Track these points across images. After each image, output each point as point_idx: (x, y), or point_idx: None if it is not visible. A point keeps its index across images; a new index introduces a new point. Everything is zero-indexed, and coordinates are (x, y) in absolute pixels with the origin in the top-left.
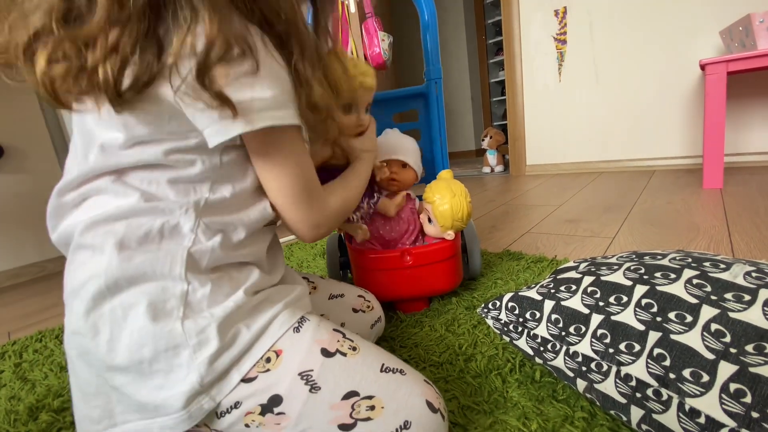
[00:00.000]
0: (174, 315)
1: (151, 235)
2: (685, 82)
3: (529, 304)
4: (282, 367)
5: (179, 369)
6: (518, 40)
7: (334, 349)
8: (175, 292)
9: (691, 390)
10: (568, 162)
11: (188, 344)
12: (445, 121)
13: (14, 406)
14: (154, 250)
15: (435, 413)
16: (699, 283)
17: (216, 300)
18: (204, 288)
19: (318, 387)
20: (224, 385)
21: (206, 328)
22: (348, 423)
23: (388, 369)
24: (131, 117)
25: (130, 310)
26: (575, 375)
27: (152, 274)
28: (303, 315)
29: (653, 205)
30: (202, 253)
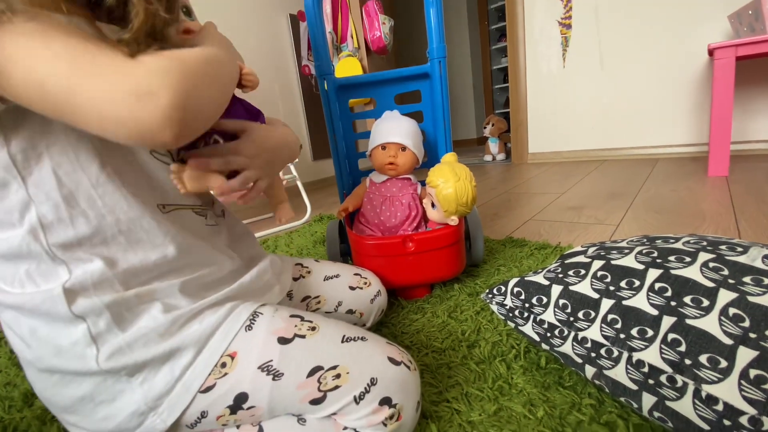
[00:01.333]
0: (88, 356)
1: (22, 280)
2: (692, 68)
3: (536, 289)
4: (239, 367)
5: (121, 395)
6: (522, 25)
7: (291, 334)
8: (76, 333)
9: (709, 376)
10: (571, 150)
11: (119, 375)
12: (449, 103)
13: (9, 393)
14: (34, 294)
15: (398, 365)
16: (716, 267)
17: (126, 323)
18: (104, 316)
19: (281, 374)
20: (175, 402)
21: (127, 357)
22: (318, 397)
23: (349, 339)
24: None
25: (40, 362)
26: (584, 361)
27: (46, 317)
28: (254, 310)
29: (658, 193)
30: (83, 283)
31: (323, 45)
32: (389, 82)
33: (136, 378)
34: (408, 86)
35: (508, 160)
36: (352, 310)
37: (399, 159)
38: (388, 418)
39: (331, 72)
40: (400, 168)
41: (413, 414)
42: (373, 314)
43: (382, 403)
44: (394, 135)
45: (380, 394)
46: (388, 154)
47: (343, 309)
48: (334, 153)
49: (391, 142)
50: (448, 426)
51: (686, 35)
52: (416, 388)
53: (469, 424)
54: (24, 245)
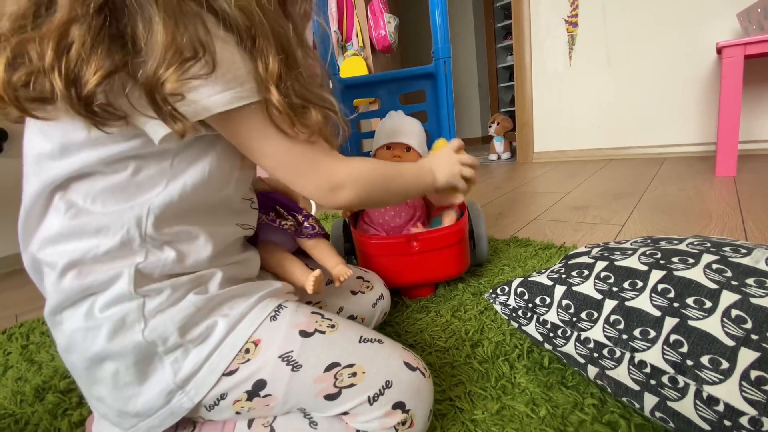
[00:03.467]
0: (135, 329)
1: (98, 255)
2: (700, 67)
3: (539, 289)
4: (262, 354)
5: (154, 373)
6: (528, 23)
7: (312, 329)
8: (131, 307)
9: (710, 377)
10: (577, 149)
11: (156, 351)
12: (453, 103)
13: (21, 387)
14: (103, 270)
15: (414, 371)
16: (719, 268)
17: (175, 303)
18: (160, 295)
19: (300, 365)
20: (202, 382)
21: (169, 334)
22: (333, 392)
23: (366, 339)
24: (69, 123)
25: (89, 332)
26: (586, 361)
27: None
28: (280, 303)
29: (664, 193)
30: (153, 267)
31: (328, 45)
32: (394, 81)
33: (169, 357)
34: (413, 86)
35: (513, 159)
36: (353, 316)
37: (404, 159)
38: (401, 423)
39: (336, 72)
40: None
41: (425, 422)
42: (375, 318)
43: (395, 407)
44: (399, 135)
45: (394, 398)
46: (393, 153)
47: (344, 314)
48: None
49: (396, 142)
50: (451, 424)
51: (694, 33)
52: (430, 396)
53: (472, 422)
54: (124, 222)
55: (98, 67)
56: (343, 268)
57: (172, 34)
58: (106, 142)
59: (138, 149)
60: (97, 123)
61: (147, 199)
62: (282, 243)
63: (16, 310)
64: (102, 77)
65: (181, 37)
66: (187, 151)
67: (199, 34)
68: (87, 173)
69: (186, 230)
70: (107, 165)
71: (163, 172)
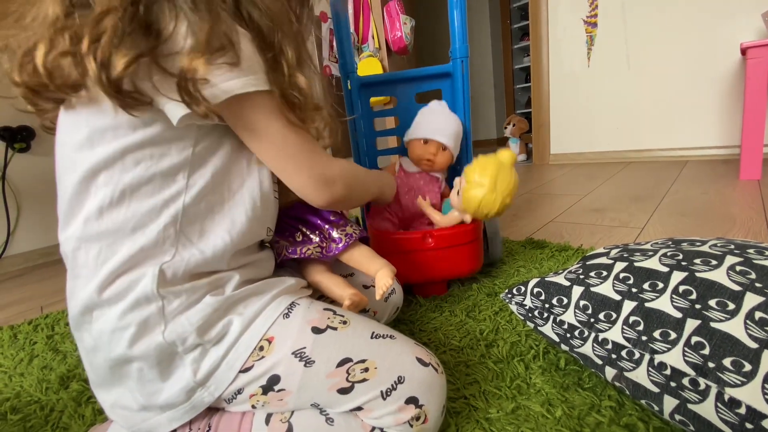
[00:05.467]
0: (157, 330)
1: (134, 254)
2: (723, 68)
3: (557, 289)
4: (275, 351)
5: (175, 370)
6: (545, 23)
7: (324, 325)
8: (152, 309)
9: (732, 380)
10: (595, 151)
11: (176, 351)
12: (470, 103)
13: (46, 376)
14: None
15: (426, 366)
16: (743, 270)
17: (192, 305)
18: (179, 298)
19: (312, 361)
20: (221, 378)
21: (187, 335)
22: (346, 387)
23: (378, 335)
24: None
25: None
26: (604, 363)
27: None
28: (293, 300)
29: (686, 196)
30: (177, 267)
31: (348, 44)
32: (411, 80)
33: (188, 356)
34: (429, 85)
35: (529, 161)
36: (365, 309)
37: (438, 158)
38: (414, 418)
39: (355, 70)
40: (435, 166)
41: (438, 417)
42: (388, 312)
43: (409, 402)
44: (440, 134)
45: (407, 393)
46: (429, 150)
47: None
48: (355, 151)
49: (435, 139)
50: (465, 422)
51: (717, 33)
52: (442, 391)
53: (487, 420)
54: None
55: (127, 52)
56: (384, 278)
57: (209, 28)
58: (127, 130)
59: (158, 135)
60: (125, 105)
61: (178, 192)
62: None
63: (41, 302)
64: (130, 61)
65: (214, 30)
66: (206, 140)
67: (227, 29)
68: (113, 162)
69: (212, 229)
70: (131, 153)
71: (185, 162)
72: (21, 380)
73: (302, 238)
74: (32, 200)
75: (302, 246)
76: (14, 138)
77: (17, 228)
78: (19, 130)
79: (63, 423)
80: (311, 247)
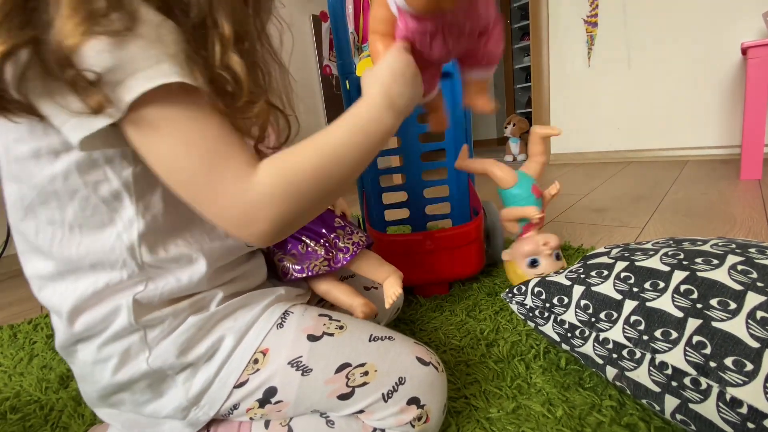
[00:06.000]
0: (140, 358)
1: (98, 290)
2: (724, 68)
3: (557, 289)
4: (270, 363)
5: (167, 391)
6: (546, 23)
7: (320, 332)
8: (134, 339)
9: (733, 379)
10: (595, 151)
11: (165, 373)
12: None
13: (46, 375)
14: (105, 306)
15: (427, 365)
16: (744, 270)
17: (175, 328)
18: (161, 324)
19: (310, 369)
20: (215, 397)
21: (173, 359)
22: (346, 392)
23: (376, 338)
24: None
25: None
26: (605, 362)
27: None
28: (286, 309)
29: (686, 196)
30: (151, 296)
31: (346, 44)
32: None
33: (179, 376)
34: None
35: None
36: None
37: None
38: (416, 419)
39: (353, 71)
40: None
41: (439, 416)
42: (388, 314)
43: (410, 403)
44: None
45: (408, 394)
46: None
47: None
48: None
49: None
50: (466, 421)
51: (718, 33)
52: (443, 390)
53: (487, 420)
54: (118, 254)
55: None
56: (393, 287)
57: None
58: (49, 157)
59: (83, 159)
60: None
61: (129, 221)
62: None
63: None
64: (4, 53)
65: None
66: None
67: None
68: (47, 195)
69: (183, 252)
70: (62, 182)
71: (127, 184)
72: (21, 380)
73: (306, 250)
74: None
75: (308, 262)
76: None
77: None
78: None
79: (62, 422)
80: (317, 262)
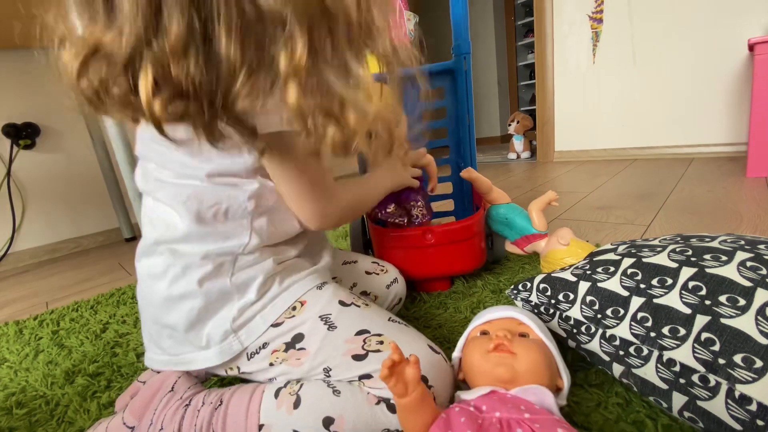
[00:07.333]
0: (226, 275)
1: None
2: (730, 64)
3: (563, 285)
4: (305, 312)
5: (221, 310)
6: (550, 19)
7: (350, 302)
8: (229, 259)
9: (743, 376)
10: (600, 148)
11: (233, 295)
12: (473, 100)
13: (51, 371)
14: (233, 224)
15: (437, 354)
16: (753, 266)
17: (254, 264)
18: (251, 255)
19: (335, 326)
20: (252, 330)
21: (244, 286)
22: (360, 354)
23: (394, 321)
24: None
25: (189, 269)
26: (611, 359)
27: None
28: (325, 281)
29: (692, 193)
30: (260, 230)
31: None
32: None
33: (238, 303)
34: (433, 83)
35: (533, 159)
36: (366, 292)
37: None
38: None
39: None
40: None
41: (445, 401)
42: (389, 299)
43: None
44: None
45: None
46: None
47: (357, 290)
48: None
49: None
50: None
51: (725, 29)
52: (452, 381)
53: None
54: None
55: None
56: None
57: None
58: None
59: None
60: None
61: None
62: None
63: (46, 298)
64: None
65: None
66: None
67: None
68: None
69: (286, 216)
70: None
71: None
72: (26, 375)
73: (397, 209)
74: (37, 197)
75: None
76: (19, 135)
77: (22, 224)
78: (24, 127)
79: (68, 417)
80: (402, 220)
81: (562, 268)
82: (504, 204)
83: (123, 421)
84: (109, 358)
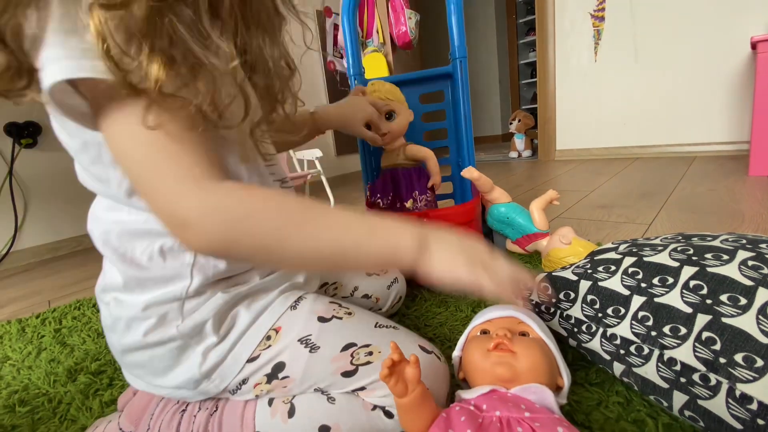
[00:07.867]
0: (173, 324)
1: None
2: (733, 62)
3: (563, 284)
4: (282, 339)
5: (184, 361)
6: (552, 18)
7: (330, 315)
8: (174, 306)
9: (744, 375)
10: (602, 147)
11: (188, 342)
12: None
13: (54, 368)
14: (171, 266)
15: (429, 354)
16: (755, 265)
17: (206, 302)
18: (200, 297)
19: (317, 347)
20: (226, 371)
21: (199, 329)
22: (350, 370)
23: (381, 326)
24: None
25: (134, 321)
26: (612, 358)
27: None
28: (300, 295)
29: (694, 192)
30: (206, 267)
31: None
32: (413, 82)
33: (199, 347)
34: (432, 87)
35: (535, 157)
36: (368, 295)
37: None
38: None
39: (362, 72)
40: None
41: (442, 403)
42: (390, 300)
43: None
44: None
45: None
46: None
47: (359, 294)
48: (361, 149)
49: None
50: None
51: (728, 27)
52: (446, 379)
53: None
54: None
55: None
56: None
57: None
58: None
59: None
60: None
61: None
62: None
63: (48, 296)
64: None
65: None
66: None
67: None
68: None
69: None
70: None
71: None
72: (29, 373)
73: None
74: (39, 196)
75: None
76: (21, 134)
77: (24, 223)
78: (25, 125)
79: (71, 415)
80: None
81: (563, 266)
82: (505, 203)
83: (119, 426)
84: (111, 356)
